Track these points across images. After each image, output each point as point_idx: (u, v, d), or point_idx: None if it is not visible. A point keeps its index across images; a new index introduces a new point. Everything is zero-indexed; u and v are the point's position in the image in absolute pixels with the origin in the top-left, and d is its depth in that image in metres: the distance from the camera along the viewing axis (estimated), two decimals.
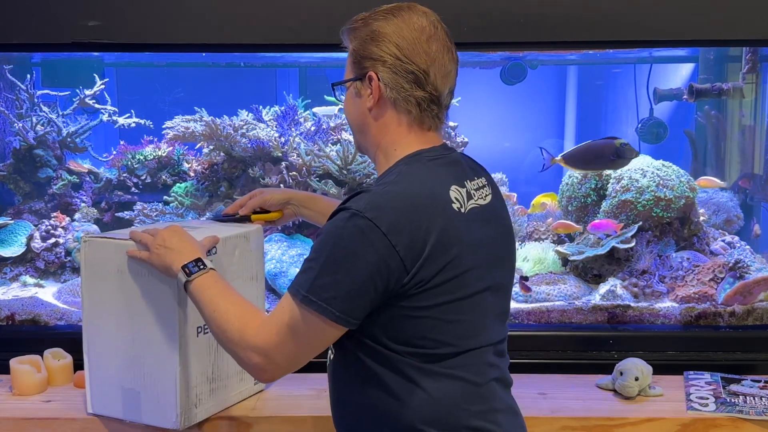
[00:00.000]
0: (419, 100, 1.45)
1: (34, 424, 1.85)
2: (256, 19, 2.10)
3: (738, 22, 2.12)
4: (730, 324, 2.32)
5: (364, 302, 1.34)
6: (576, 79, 3.41)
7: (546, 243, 2.69)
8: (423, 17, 1.46)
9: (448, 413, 1.40)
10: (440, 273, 1.36)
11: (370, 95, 1.46)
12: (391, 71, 1.44)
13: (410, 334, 1.38)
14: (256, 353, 1.40)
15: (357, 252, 1.32)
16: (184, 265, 1.56)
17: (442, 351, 1.40)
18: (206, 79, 3.30)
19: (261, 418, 1.86)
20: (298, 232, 2.67)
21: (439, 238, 1.36)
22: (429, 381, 1.39)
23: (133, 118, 2.92)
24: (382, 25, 1.45)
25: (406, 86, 1.44)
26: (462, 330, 1.42)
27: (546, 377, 2.11)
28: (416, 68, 1.44)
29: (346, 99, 1.54)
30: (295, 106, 2.86)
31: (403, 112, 1.46)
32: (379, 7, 1.49)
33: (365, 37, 1.46)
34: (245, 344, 1.41)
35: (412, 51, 1.44)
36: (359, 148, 1.59)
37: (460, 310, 1.40)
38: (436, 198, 1.39)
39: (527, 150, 3.39)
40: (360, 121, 1.51)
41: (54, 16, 2.11)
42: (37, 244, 2.61)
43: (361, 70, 1.47)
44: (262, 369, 1.41)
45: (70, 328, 2.31)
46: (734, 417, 1.86)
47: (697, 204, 2.63)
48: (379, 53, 1.44)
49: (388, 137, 1.48)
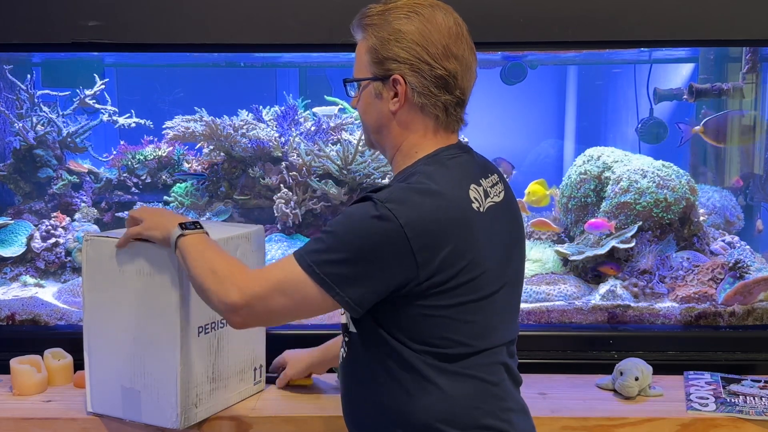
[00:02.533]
0: (446, 104, 1.42)
1: (34, 424, 1.85)
2: (256, 19, 2.10)
3: (738, 22, 2.12)
4: (730, 324, 2.32)
5: (365, 288, 1.33)
6: (576, 79, 3.40)
7: (546, 243, 2.69)
8: (448, 16, 1.42)
9: (463, 412, 1.40)
10: (458, 275, 1.35)
11: (394, 98, 1.42)
12: (419, 75, 1.40)
13: (428, 333, 1.38)
14: (239, 293, 1.38)
15: (370, 238, 1.31)
16: (181, 223, 1.57)
17: (458, 351, 1.40)
18: (206, 79, 3.30)
19: (261, 418, 1.86)
20: (298, 232, 2.67)
21: (458, 243, 1.35)
22: (445, 380, 1.39)
23: (133, 118, 2.92)
24: (405, 24, 1.39)
25: (434, 91, 1.41)
26: (477, 330, 1.41)
27: (546, 377, 2.11)
28: (445, 72, 1.40)
29: (362, 97, 1.48)
30: (295, 106, 2.86)
31: (430, 117, 1.43)
32: (392, 0, 1.44)
33: (387, 36, 1.40)
34: (231, 282, 1.40)
35: (441, 54, 1.39)
36: (371, 146, 1.56)
37: (476, 311, 1.40)
38: (456, 201, 1.37)
39: (527, 150, 3.39)
40: (380, 123, 1.47)
41: (54, 16, 2.11)
42: (37, 244, 2.61)
43: (385, 72, 1.42)
44: (235, 309, 1.39)
45: (70, 328, 2.31)
46: (734, 417, 1.86)
47: (698, 204, 2.63)
48: (406, 56, 1.39)
49: (410, 140, 1.45)
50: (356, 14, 1.48)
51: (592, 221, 2.55)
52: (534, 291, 2.41)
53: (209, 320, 1.79)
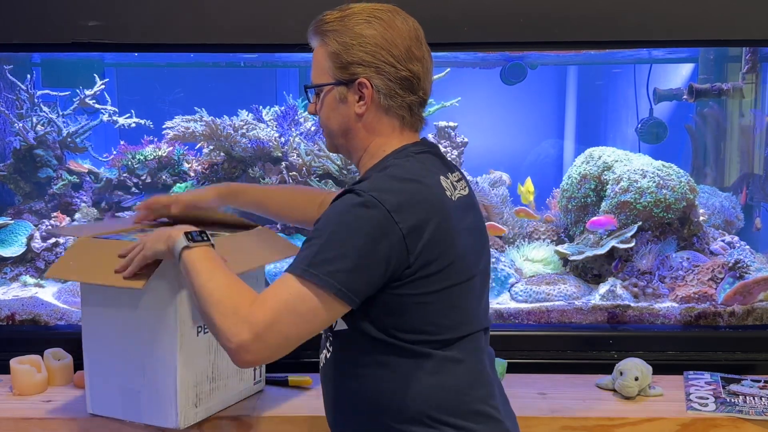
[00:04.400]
0: (411, 105, 1.46)
1: (34, 424, 1.85)
2: (256, 19, 2.10)
3: (738, 22, 2.12)
4: (729, 324, 2.32)
5: (365, 279, 1.33)
6: (576, 79, 3.41)
7: (546, 243, 2.69)
8: (407, 20, 1.46)
9: (455, 398, 1.41)
10: (440, 259, 1.37)
11: (359, 102, 1.45)
12: (385, 78, 1.43)
13: (418, 320, 1.39)
14: (248, 329, 1.31)
15: (361, 228, 1.31)
16: (187, 232, 1.51)
17: (445, 336, 1.41)
18: (206, 79, 3.30)
19: (261, 418, 1.86)
20: (298, 232, 2.67)
21: (439, 223, 1.37)
22: (436, 366, 1.40)
23: (133, 118, 2.92)
24: (366, 29, 1.42)
25: (400, 92, 1.44)
26: (461, 315, 1.43)
27: (546, 377, 2.11)
28: (409, 74, 1.43)
29: (324, 103, 1.49)
30: (295, 106, 2.86)
31: (395, 117, 1.47)
32: (347, 6, 1.46)
33: (350, 41, 1.43)
34: (238, 318, 1.33)
35: (405, 56, 1.43)
36: (335, 150, 1.56)
37: (459, 295, 1.42)
38: (433, 187, 1.41)
39: (527, 150, 3.39)
40: (346, 127, 1.48)
41: (54, 16, 2.11)
42: (37, 244, 2.61)
43: (350, 76, 1.44)
44: (247, 348, 1.32)
45: (70, 328, 2.31)
46: (734, 417, 1.86)
47: (698, 204, 2.63)
48: (370, 59, 1.42)
49: (377, 140, 1.48)
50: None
51: (594, 219, 2.55)
52: (534, 291, 2.41)
53: None
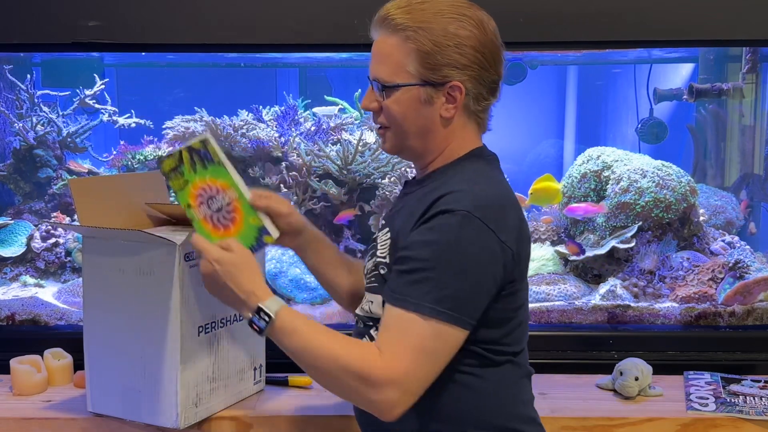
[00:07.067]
0: (488, 107, 1.43)
1: (34, 424, 1.85)
2: (256, 19, 2.10)
3: (738, 22, 2.12)
4: (730, 324, 2.32)
5: (482, 303, 1.31)
6: (576, 79, 3.41)
7: (546, 243, 2.69)
8: (490, 19, 1.39)
9: (523, 407, 1.46)
10: (524, 269, 1.40)
11: (446, 104, 1.37)
12: (477, 82, 1.36)
13: (503, 332, 1.39)
14: (393, 389, 1.23)
15: (474, 254, 1.27)
16: (260, 308, 1.37)
17: (518, 348, 1.44)
18: (206, 79, 3.30)
19: (261, 418, 1.86)
20: None
21: (522, 235, 1.37)
22: (514, 377, 1.43)
23: (133, 118, 2.92)
24: (460, 29, 1.33)
25: (486, 96, 1.39)
26: (525, 327, 1.47)
27: (546, 377, 2.11)
28: (498, 77, 1.39)
29: (402, 101, 1.38)
30: (295, 106, 2.86)
31: (476, 120, 1.43)
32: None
33: (444, 42, 1.33)
34: (376, 382, 1.23)
35: (494, 59, 1.37)
36: (397, 151, 1.47)
37: (527, 307, 1.46)
38: (517, 204, 1.39)
39: (527, 150, 3.39)
40: (426, 128, 1.40)
41: (54, 16, 2.11)
42: (37, 244, 2.61)
43: (442, 78, 1.35)
44: (395, 404, 1.24)
45: (70, 328, 2.31)
46: (734, 417, 1.86)
47: (698, 204, 2.63)
48: (467, 62, 1.34)
49: (456, 142, 1.42)
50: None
51: (572, 206, 2.51)
52: (534, 291, 2.41)
53: (209, 320, 1.79)
